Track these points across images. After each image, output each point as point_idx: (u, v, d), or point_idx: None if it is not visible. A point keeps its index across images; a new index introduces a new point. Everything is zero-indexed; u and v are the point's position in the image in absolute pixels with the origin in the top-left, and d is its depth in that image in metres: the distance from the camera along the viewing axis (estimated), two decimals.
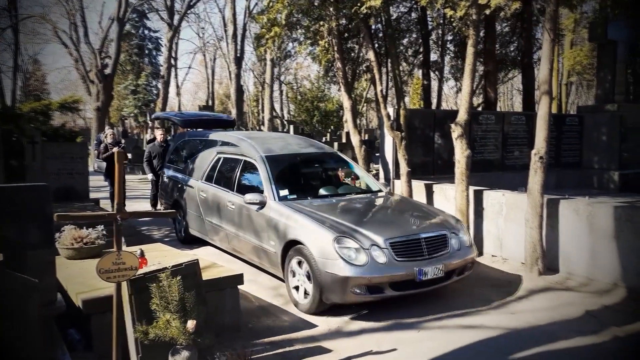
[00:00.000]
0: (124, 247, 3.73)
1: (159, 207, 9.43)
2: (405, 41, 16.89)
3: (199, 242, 7.44)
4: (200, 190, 7.07)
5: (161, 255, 4.64)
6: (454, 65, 19.04)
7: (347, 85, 10.05)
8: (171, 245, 6.18)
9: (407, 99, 22.69)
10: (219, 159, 7.01)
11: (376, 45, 11.12)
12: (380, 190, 6.47)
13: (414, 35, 17.07)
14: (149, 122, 30.88)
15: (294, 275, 5.10)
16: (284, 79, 37.87)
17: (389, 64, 12.52)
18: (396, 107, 8.94)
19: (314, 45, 11.13)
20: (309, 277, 4.82)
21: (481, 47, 13.14)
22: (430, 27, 16.96)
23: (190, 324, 2.94)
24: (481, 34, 12.43)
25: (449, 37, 18.28)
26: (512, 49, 17.95)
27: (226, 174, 6.73)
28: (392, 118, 8.77)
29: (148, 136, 23.37)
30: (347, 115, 10.31)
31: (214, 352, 3.30)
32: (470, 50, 7.37)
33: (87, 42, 26.42)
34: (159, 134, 10.16)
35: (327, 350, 4.06)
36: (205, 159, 7.29)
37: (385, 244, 4.73)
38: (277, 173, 6.02)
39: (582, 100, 36.95)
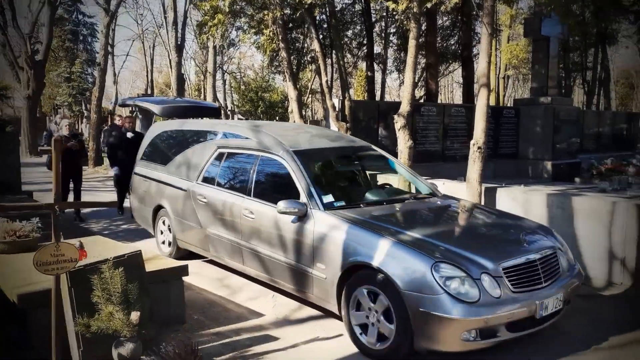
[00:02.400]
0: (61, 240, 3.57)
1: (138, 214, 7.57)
2: (349, 33, 17.04)
3: (192, 257, 6.05)
4: (197, 194, 5.64)
5: (102, 248, 4.47)
6: (397, 57, 19.40)
7: (292, 76, 10.02)
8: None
9: (351, 91, 22.90)
10: (220, 154, 5.64)
11: (321, 36, 11.15)
12: (433, 194, 5.26)
13: (358, 27, 17.25)
14: (85, 111, 29.59)
15: (357, 309, 3.86)
16: (227, 68, 37.29)
17: (334, 55, 12.58)
18: (341, 98, 9.02)
19: (258, 34, 11.02)
20: (387, 316, 3.63)
21: (423, 40, 13.45)
22: (373, 19, 17.19)
23: (134, 315, 2.86)
24: (423, 27, 12.72)
25: (392, 30, 18.60)
26: (452, 42, 18.49)
27: (236, 175, 5.46)
28: (337, 109, 8.84)
29: (83, 126, 22.40)
30: (293, 106, 10.30)
31: (159, 343, 3.23)
32: (412, 43, 7.53)
33: (16, 26, 24.85)
34: (126, 123, 9.10)
35: (275, 338, 4.06)
36: (200, 155, 5.89)
37: (498, 271, 3.57)
38: (314, 173, 4.87)
39: (518, 94, 38.62)
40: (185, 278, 4.39)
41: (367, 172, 5.99)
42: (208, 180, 5.65)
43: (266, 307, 4.75)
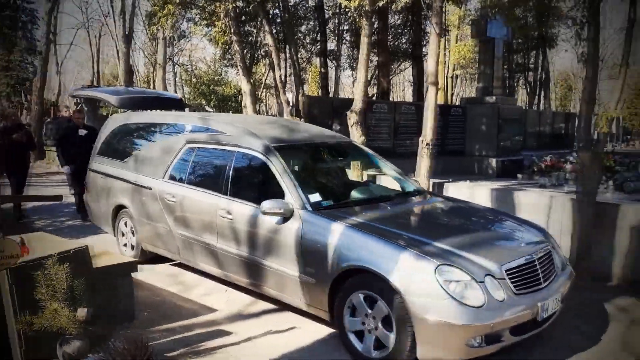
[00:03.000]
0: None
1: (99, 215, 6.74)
2: (303, 28, 17.04)
3: (158, 261, 5.76)
4: (165, 193, 5.21)
5: (47, 244, 4.30)
6: (350, 54, 19.57)
7: (245, 69, 9.95)
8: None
9: (306, 86, 22.95)
10: (190, 150, 5.20)
11: (275, 30, 11.10)
12: (419, 191, 5.06)
13: (312, 23, 17.28)
14: (25, 102, 28.20)
15: (352, 315, 3.66)
16: (178, 61, 36.46)
17: (288, 50, 12.57)
18: (295, 93, 9.03)
19: (210, 26, 10.85)
20: (387, 323, 3.45)
21: (375, 39, 13.63)
22: (327, 16, 17.25)
23: (81, 312, 2.78)
24: (375, 25, 12.89)
25: (346, 27, 18.74)
26: (404, 41, 18.81)
27: (210, 172, 5.10)
28: (291, 104, 8.86)
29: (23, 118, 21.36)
30: (247, 100, 10.22)
31: (107, 341, 3.15)
32: (364, 41, 7.65)
33: None
34: (78, 118, 8.35)
35: (228, 333, 4.05)
36: (167, 151, 5.44)
37: (502, 273, 3.43)
38: (298, 171, 4.58)
39: (466, 93, 39.75)
40: (136, 275, 4.30)
41: (351, 169, 5.76)
42: (176, 177, 5.24)
43: (219, 303, 4.72)
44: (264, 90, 28.84)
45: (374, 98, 15.69)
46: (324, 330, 4.12)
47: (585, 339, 4.04)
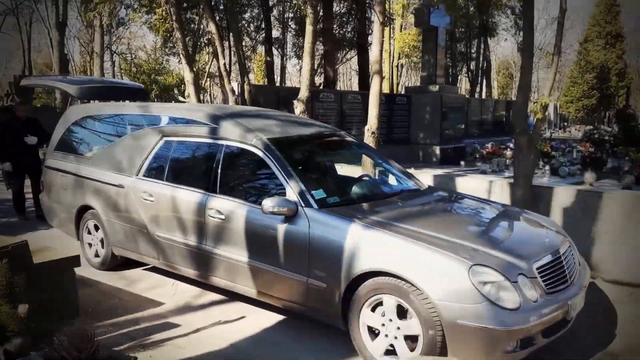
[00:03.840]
0: None
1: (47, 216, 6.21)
2: (247, 16, 16.82)
3: (131, 266, 5.36)
4: (141, 191, 4.75)
5: None
6: (296, 43, 19.51)
7: (187, 57, 9.73)
8: None
9: (251, 75, 22.68)
10: (167, 144, 4.76)
11: (217, 18, 10.91)
12: (419, 186, 4.76)
13: (256, 11, 17.09)
14: None
15: (371, 323, 3.35)
16: (117, 49, 35.14)
17: (232, 38, 12.39)
18: (241, 82, 8.94)
19: (150, 13, 10.55)
20: (411, 331, 3.18)
21: (320, 27, 13.65)
22: (271, 3, 17.10)
23: (22, 308, 2.68)
24: (320, 13, 12.91)
25: (291, 15, 18.65)
26: (349, 30, 18.93)
27: (194, 168, 4.66)
28: (236, 93, 8.75)
29: None
30: (190, 89, 10.01)
31: (51, 337, 3.06)
32: (309, 29, 7.66)
33: None
34: (21, 109, 7.56)
35: (176, 325, 4.01)
36: (140, 145, 4.95)
37: (532, 271, 3.22)
38: (297, 165, 4.14)
39: (411, 82, 40.53)
40: (80, 270, 4.17)
41: (347, 163, 5.44)
42: (153, 174, 4.77)
43: (166, 296, 4.65)
44: (208, 79, 28.35)
45: (321, 87, 15.76)
46: (273, 318, 4.15)
47: None
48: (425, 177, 6.55)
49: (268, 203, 3.66)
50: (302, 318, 3.93)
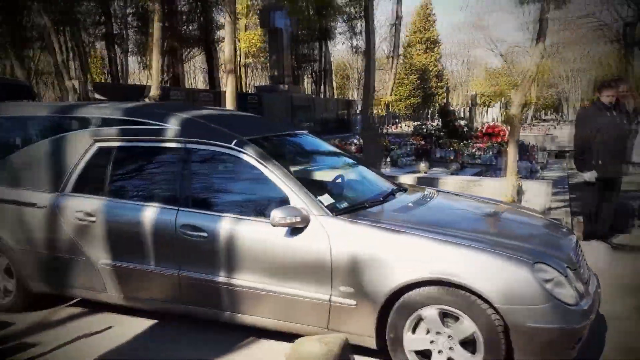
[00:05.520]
0: None
1: None
2: (83, 9, 15.61)
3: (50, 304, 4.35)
4: (73, 210, 3.84)
5: None
6: (138, 40, 18.60)
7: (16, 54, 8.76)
8: None
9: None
10: (102, 151, 3.88)
11: (50, 9, 9.97)
12: (400, 186, 4.30)
13: (92, 4, 15.93)
14: None
15: (414, 333, 3.04)
16: None
17: (68, 33, 11.42)
18: (83, 79, 8.33)
19: None
20: (466, 342, 2.90)
21: (166, 24, 13.23)
22: None
23: None
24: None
25: (132, 10, 17.74)
26: (194, 28, 18.62)
27: (151, 179, 3.93)
28: (78, 92, 8.14)
29: None
30: None
31: None
32: (157, 26, 7.45)
33: None
34: None
35: (31, 345, 3.67)
36: (62, 154, 4.01)
37: (573, 262, 3.14)
38: (290, 170, 3.56)
39: (258, 82, 41.00)
40: None
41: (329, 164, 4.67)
42: (88, 189, 3.90)
43: (15, 316, 4.22)
44: (35, 77, 25.53)
45: (168, 84, 15.23)
46: (142, 324, 4.03)
47: None
48: None
49: (278, 214, 3.13)
50: (180, 320, 3.89)
